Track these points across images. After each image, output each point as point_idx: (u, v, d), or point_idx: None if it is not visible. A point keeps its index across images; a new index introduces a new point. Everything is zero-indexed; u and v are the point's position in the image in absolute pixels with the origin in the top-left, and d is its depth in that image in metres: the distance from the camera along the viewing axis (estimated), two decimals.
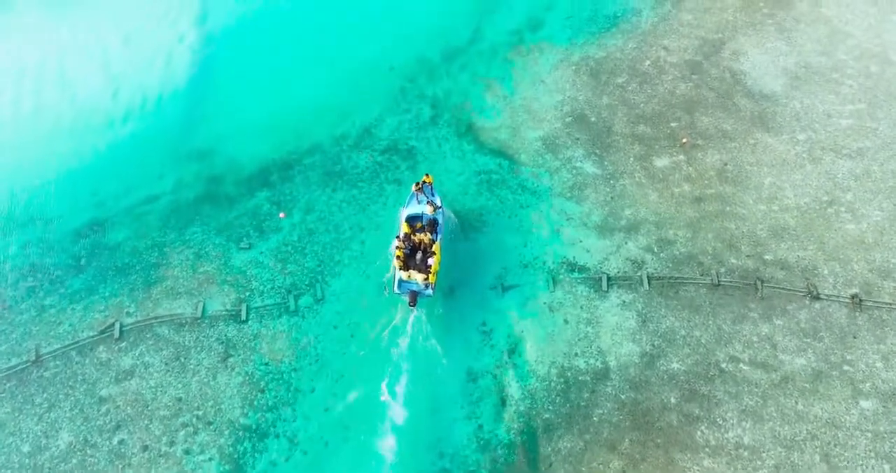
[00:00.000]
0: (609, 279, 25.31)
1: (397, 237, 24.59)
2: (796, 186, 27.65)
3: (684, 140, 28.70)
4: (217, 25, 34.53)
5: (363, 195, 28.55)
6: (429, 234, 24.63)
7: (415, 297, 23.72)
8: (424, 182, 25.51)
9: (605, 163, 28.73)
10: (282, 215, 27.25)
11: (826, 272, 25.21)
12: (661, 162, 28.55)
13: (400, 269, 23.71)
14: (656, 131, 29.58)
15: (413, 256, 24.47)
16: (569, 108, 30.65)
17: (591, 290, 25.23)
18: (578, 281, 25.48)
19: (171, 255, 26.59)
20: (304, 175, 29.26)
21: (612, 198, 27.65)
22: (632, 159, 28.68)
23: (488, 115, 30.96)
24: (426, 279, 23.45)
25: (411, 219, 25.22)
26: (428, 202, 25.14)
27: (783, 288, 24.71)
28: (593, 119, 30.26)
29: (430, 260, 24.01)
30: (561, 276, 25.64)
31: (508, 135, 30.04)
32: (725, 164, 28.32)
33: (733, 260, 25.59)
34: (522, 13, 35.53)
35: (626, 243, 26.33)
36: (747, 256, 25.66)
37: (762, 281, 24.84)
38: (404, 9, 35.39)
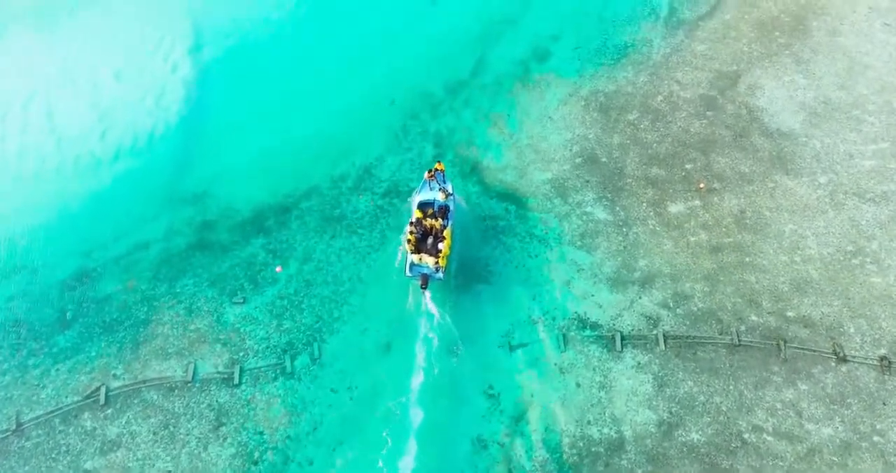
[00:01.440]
0: (623, 338, 23.96)
1: (410, 222, 24.99)
2: (819, 234, 26.26)
3: (701, 185, 27.34)
4: (211, 58, 33.16)
5: (363, 242, 27.20)
6: (440, 220, 25.03)
7: (426, 280, 24.41)
8: (437, 169, 25.95)
9: (617, 208, 27.35)
10: (278, 269, 25.92)
11: (852, 330, 23.84)
12: (675, 207, 27.17)
13: (412, 253, 24.15)
14: (670, 174, 28.19)
15: (424, 241, 25.06)
16: (578, 148, 29.26)
17: (605, 350, 23.88)
18: (591, 339, 24.13)
19: (162, 310, 25.25)
20: (302, 220, 27.91)
21: (624, 247, 26.27)
22: (645, 204, 27.29)
23: (494, 155, 29.59)
24: (437, 262, 24.03)
25: (423, 205, 25.70)
26: (440, 189, 25.60)
27: (807, 349, 23.36)
28: (604, 159, 28.87)
29: (440, 245, 24.52)
30: (572, 334, 24.30)
31: (515, 176, 28.66)
32: (744, 210, 26.93)
33: (754, 318, 24.22)
34: (528, 42, 34.15)
35: (640, 297, 24.96)
36: (769, 313, 24.28)
37: (785, 342, 23.48)
38: (405, 40, 34.01)
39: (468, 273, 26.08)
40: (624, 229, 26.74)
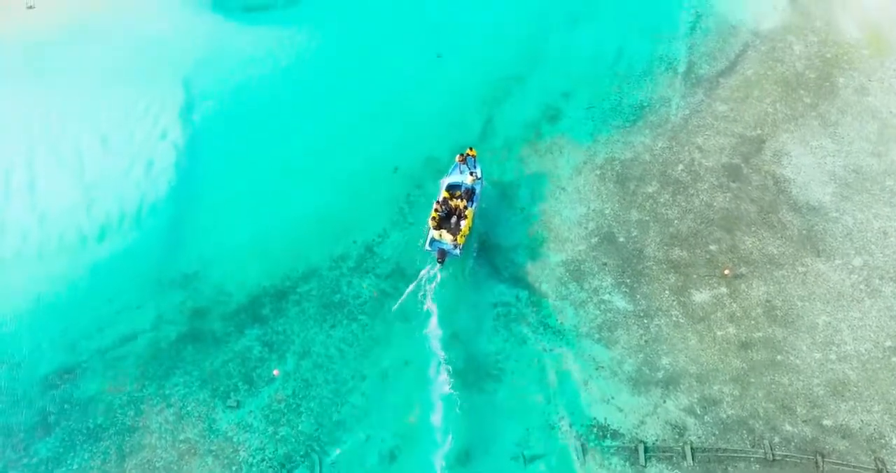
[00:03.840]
0: (647, 449, 22.20)
1: (437, 201, 26.47)
2: (854, 327, 24.44)
3: (726, 271, 25.52)
4: (202, 122, 31.34)
5: (365, 333, 25.45)
6: (464, 201, 26.48)
7: (443, 255, 25.75)
8: (468, 154, 27.10)
9: (637, 296, 25.52)
10: (276, 372, 24.13)
11: (895, 441, 22.00)
12: (700, 296, 25.34)
13: (433, 229, 25.54)
14: (693, 256, 26.36)
15: (448, 219, 26.52)
16: (594, 225, 27.42)
17: (627, 463, 22.14)
18: (612, 450, 22.35)
19: (150, 416, 23.52)
20: (300, 307, 26.14)
21: (646, 341, 24.46)
22: (667, 292, 25.46)
23: (503, 231, 27.80)
24: (455, 240, 25.42)
25: (451, 187, 27.18)
26: (470, 172, 26.93)
27: (847, 465, 21.58)
28: (622, 239, 27.03)
29: (462, 223, 25.92)
30: (592, 443, 22.53)
31: (527, 257, 26.85)
32: (773, 299, 25.12)
33: (788, 427, 22.42)
34: (538, 101, 32.30)
35: (664, 401, 23.16)
36: (804, 421, 22.50)
37: (822, 456, 21.70)
38: (408, 100, 32.18)
39: (479, 370, 24.29)
40: (645, 321, 24.92)
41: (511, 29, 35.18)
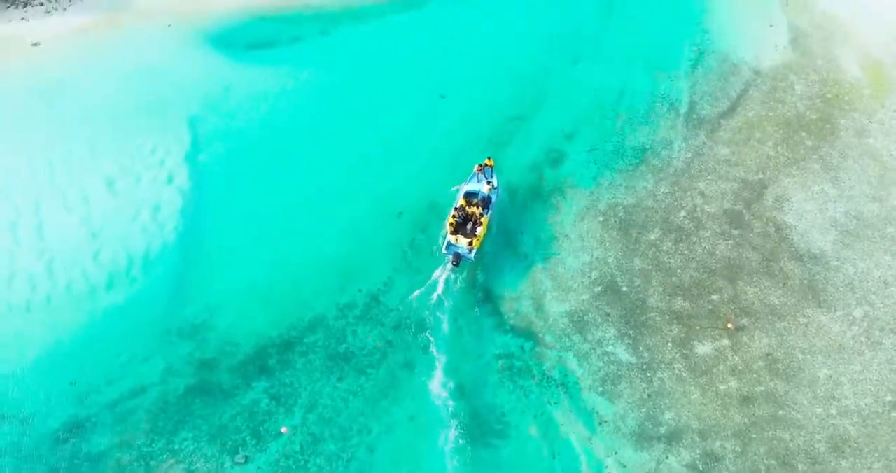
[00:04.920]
0: None
1: (454, 207, 28.15)
2: (855, 381, 24.75)
3: (729, 324, 25.83)
4: (208, 165, 31.63)
5: (371, 384, 25.74)
6: (480, 209, 28.04)
7: (458, 259, 27.29)
8: (486, 164, 28.88)
9: (640, 348, 25.81)
10: (284, 430, 24.40)
11: None
12: (702, 348, 25.64)
13: (450, 234, 27.15)
14: (696, 307, 26.64)
15: (464, 225, 27.98)
16: (597, 275, 27.69)
17: None
18: None
19: (159, 472, 23.74)
20: (306, 358, 26.41)
21: (649, 395, 24.76)
22: (670, 344, 25.75)
23: (507, 280, 28.05)
24: (470, 244, 26.96)
25: (469, 195, 28.67)
26: (487, 181, 28.54)
27: None
28: (625, 289, 27.30)
29: (477, 229, 27.44)
30: None
31: (531, 307, 27.11)
32: (775, 352, 25.40)
33: None
34: (541, 143, 32.61)
35: (666, 457, 23.48)
36: None
37: None
38: (412, 144, 32.46)
39: (485, 424, 24.58)
40: (648, 374, 25.21)
41: (513, 68, 35.48)
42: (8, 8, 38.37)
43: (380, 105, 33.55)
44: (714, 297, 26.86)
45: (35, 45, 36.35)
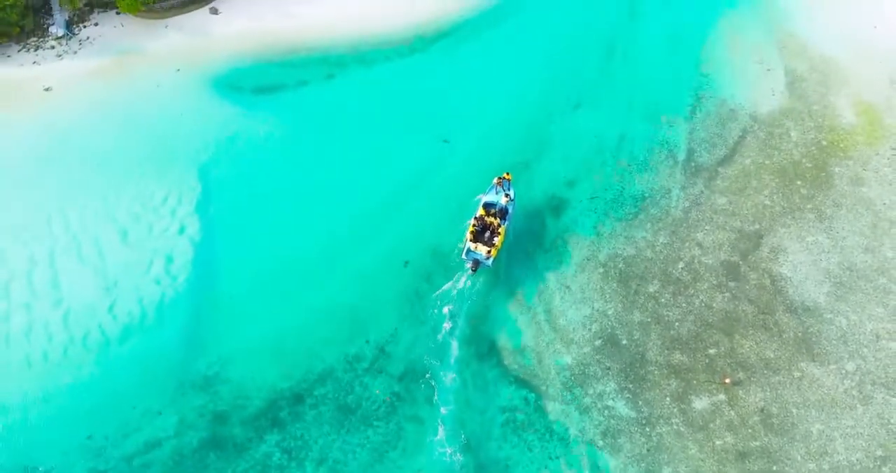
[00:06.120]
0: None
1: (474, 217, 30.15)
2: (847, 436, 25.67)
3: (726, 380, 26.72)
4: (218, 216, 32.46)
5: (379, 437, 26.66)
6: (498, 219, 29.97)
7: (477, 265, 29.32)
8: (504, 178, 30.88)
9: (640, 402, 26.71)
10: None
11: None
12: (700, 403, 26.54)
13: (470, 241, 29.16)
14: (693, 361, 27.54)
15: (483, 233, 29.82)
16: (598, 327, 28.57)
17: None
18: None
19: None
20: (316, 410, 27.32)
21: (648, 450, 25.67)
22: (668, 399, 26.66)
23: (511, 332, 28.95)
24: (489, 252, 29.02)
25: (487, 206, 30.69)
26: (504, 194, 30.62)
27: None
28: (625, 341, 28.19)
29: (495, 239, 29.47)
30: None
31: (534, 360, 28.02)
32: (770, 406, 26.30)
33: None
34: (543, 190, 33.46)
35: None
36: None
37: None
38: (417, 192, 33.23)
39: None
40: (647, 428, 26.11)
41: (516, 113, 36.25)
42: (20, 51, 39.05)
43: (385, 151, 34.38)
44: (711, 351, 27.74)
45: (47, 89, 37.08)
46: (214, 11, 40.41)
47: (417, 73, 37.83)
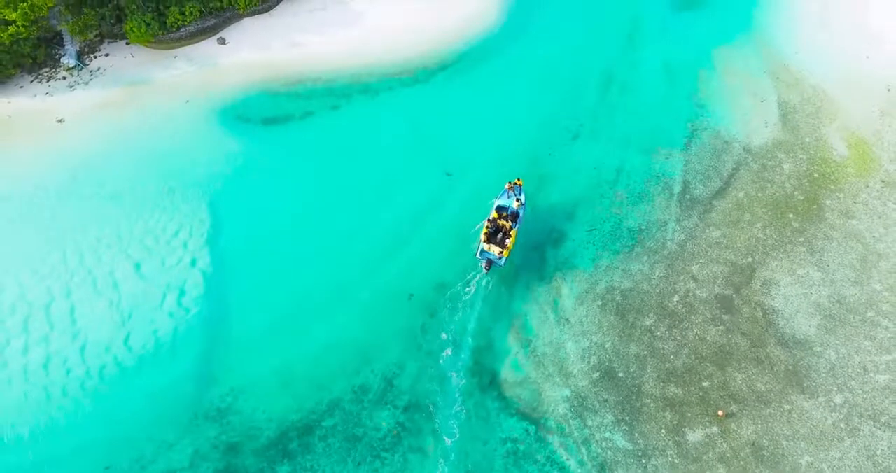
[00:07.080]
0: None
1: (487, 219, 31.92)
2: (835, 468, 26.81)
3: (720, 413, 27.82)
4: (229, 249, 33.49)
5: (387, 469, 27.73)
6: (510, 222, 31.78)
7: (490, 265, 31.28)
8: (516, 183, 32.75)
9: (636, 434, 27.84)
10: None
11: None
12: (694, 436, 27.66)
13: (484, 242, 31.00)
14: (688, 393, 28.65)
15: (495, 235, 31.67)
16: (596, 360, 29.69)
17: None
18: None
19: None
20: (325, 442, 28.42)
21: None
22: (663, 431, 27.78)
23: (512, 364, 30.06)
24: (501, 252, 30.85)
25: (500, 208, 32.53)
26: (516, 198, 32.55)
27: None
28: (622, 374, 29.32)
29: (507, 241, 31.29)
30: None
31: (534, 393, 29.14)
32: (761, 439, 27.42)
33: None
34: (542, 222, 34.47)
35: None
36: None
37: None
38: (419, 227, 34.25)
39: None
40: (643, 460, 27.23)
41: (516, 147, 37.28)
42: (32, 81, 40.08)
43: (389, 184, 35.42)
44: (705, 384, 28.85)
45: (60, 121, 38.13)
46: (222, 42, 41.41)
47: (420, 105, 38.91)
